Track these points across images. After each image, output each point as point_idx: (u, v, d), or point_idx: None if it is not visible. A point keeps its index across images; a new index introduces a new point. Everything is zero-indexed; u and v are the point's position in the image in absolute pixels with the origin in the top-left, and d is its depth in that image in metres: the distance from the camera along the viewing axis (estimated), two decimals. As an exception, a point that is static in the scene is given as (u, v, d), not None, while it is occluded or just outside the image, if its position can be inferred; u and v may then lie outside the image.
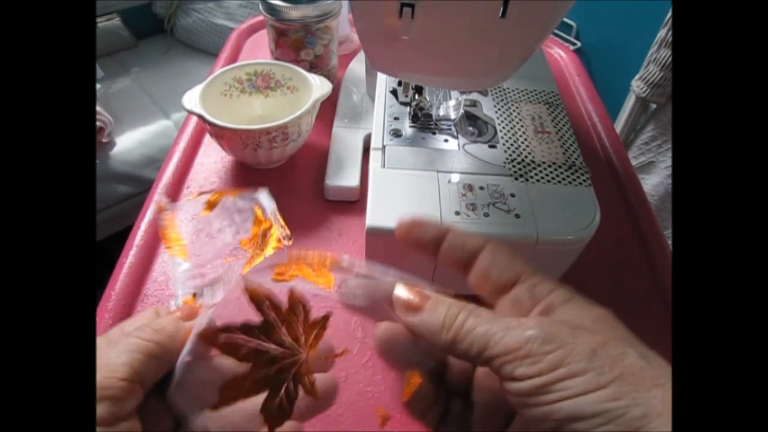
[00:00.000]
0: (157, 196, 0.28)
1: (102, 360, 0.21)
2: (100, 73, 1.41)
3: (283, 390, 0.23)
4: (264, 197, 0.28)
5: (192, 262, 0.26)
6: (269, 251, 0.26)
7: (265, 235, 0.26)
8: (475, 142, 0.43)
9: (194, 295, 0.25)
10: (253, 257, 0.26)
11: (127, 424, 0.20)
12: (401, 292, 0.22)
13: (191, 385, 0.23)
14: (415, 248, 0.24)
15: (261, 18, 0.78)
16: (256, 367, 0.23)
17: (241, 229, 0.27)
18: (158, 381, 0.22)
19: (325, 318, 0.24)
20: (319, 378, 0.24)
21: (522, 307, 0.22)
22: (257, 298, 0.24)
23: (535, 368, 0.18)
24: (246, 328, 0.23)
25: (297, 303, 0.24)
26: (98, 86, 1.42)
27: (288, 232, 0.26)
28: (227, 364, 0.23)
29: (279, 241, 0.26)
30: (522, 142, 0.43)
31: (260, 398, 0.23)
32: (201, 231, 0.30)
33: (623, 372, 0.17)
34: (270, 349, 0.23)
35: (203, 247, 0.32)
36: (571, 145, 0.43)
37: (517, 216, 0.37)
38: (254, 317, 0.24)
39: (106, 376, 0.20)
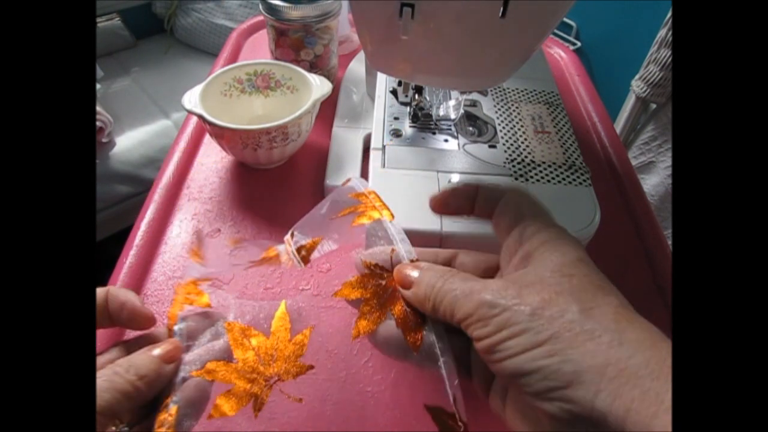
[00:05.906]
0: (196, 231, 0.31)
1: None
2: (100, 73, 1.41)
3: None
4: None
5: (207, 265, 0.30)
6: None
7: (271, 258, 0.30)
8: (475, 142, 0.43)
9: (292, 234, 0.28)
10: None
11: None
12: (398, 270, 0.25)
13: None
14: (455, 213, 0.27)
15: (261, 18, 0.78)
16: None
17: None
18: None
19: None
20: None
21: (509, 252, 0.23)
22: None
23: (484, 331, 0.20)
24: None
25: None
26: (98, 86, 1.42)
27: (298, 257, 0.29)
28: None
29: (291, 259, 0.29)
30: (522, 142, 0.43)
31: None
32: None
33: (559, 329, 0.19)
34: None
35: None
36: (571, 145, 0.43)
37: (517, 216, 0.37)
38: None
39: None
